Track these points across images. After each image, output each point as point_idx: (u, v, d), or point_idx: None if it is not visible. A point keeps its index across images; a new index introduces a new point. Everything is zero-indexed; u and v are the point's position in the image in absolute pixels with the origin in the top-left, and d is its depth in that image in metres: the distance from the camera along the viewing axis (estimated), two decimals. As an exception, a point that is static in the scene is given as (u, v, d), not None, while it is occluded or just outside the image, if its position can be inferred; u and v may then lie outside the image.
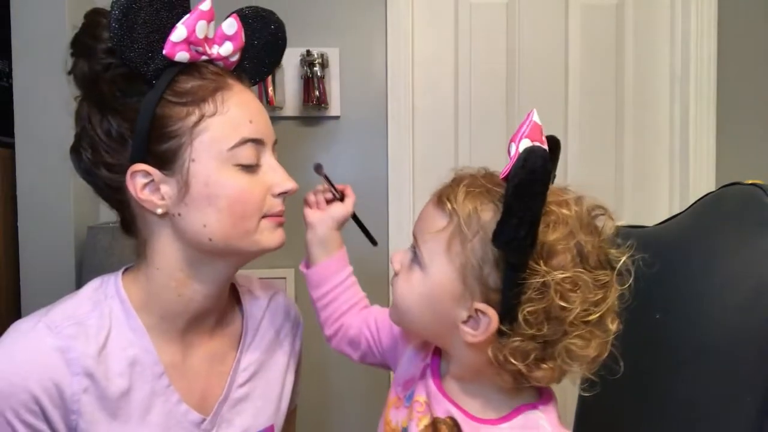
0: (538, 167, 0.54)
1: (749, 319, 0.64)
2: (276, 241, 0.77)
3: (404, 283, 0.66)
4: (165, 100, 0.70)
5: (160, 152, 0.70)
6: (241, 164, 0.72)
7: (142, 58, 0.69)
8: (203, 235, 0.72)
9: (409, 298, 0.65)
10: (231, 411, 0.80)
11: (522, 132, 0.59)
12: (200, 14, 0.70)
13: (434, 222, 0.63)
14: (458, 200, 0.61)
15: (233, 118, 0.72)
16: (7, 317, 1.52)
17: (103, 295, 0.75)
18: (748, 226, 0.70)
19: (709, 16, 1.78)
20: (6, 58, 1.52)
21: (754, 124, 1.83)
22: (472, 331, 0.61)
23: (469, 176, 0.64)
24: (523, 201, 0.54)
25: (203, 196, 0.71)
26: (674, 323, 0.74)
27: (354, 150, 1.76)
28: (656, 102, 1.86)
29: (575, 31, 1.83)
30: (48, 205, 1.49)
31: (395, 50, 1.74)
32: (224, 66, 0.76)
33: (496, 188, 0.60)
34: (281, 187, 0.76)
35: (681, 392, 0.72)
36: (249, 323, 0.85)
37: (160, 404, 0.74)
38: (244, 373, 0.83)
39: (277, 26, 0.83)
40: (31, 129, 1.47)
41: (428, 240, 0.63)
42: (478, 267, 0.59)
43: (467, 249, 0.60)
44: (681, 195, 1.81)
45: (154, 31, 0.70)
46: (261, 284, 0.92)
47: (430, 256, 0.62)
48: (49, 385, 0.67)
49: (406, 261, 0.67)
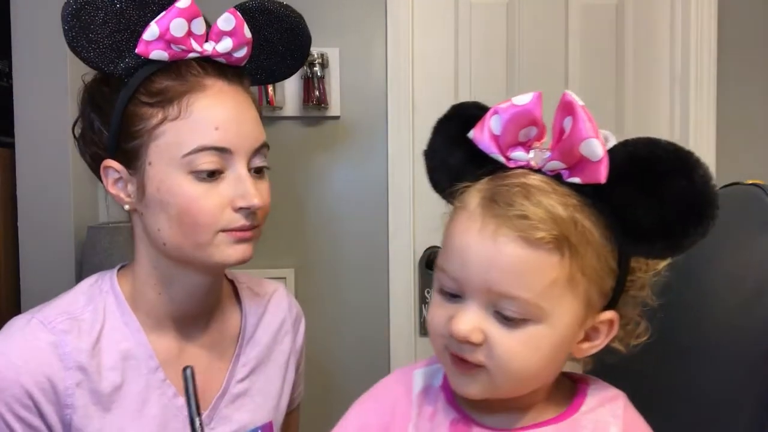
0: (706, 167, 0.51)
1: (749, 319, 0.64)
2: (234, 257, 0.72)
3: (519, 348, 0.53)
4: (137, 99, 0.70)
5: (127, 150, 0.71)
6: (197, 171, 0.69)
7: (104, 58, 0.69)
8: (159, 239, 0.72)
9: (536, 359, 0.54)
10: (229, 406, 0.80)
11: (591, 127, 0.52)
12: (177, 12, 0.69)
13: (541, 269, 0.51)
14: (556, 221, 0.51)
15: (195, 122, 0.69)
16: (7, 317, 1.51)
17: (98, 290, 0.76)
18: (748, 226, 0.70)
19: (709, 16, 1.78)
20: (6, 58, 1.51)
21: (754, 124, 1.83)
22: (593, 343, 0.58)
23: (527, 190, 0.53)
24: (714, 203, 0.51)
25: (156, 200, 0.70)
26: (674, 323, 0.74)
27: (354, 150, 1.76)
28: (656, 102, 1.86)
29: (575, 31, 1.83)
30: (48, 205, 1.49)
31: (395, 50, 1.74)
32: (227, 62, 0.74)
33: (559, 189, 0.53)
34: (242, 202, 0.70)
35: (681, 392, 0.72)
36: (248, 320, 0.85)
37: (156, 398, 0.74)
38: (244, 369, 0.83)
39: (293, 20, 0.81)
40: (31, 129, 1.47)
41: (543, 290, 0.52)
42: (601, 282, 0.54)
43: (588, 272, 0.53)
44: (681, 195, 1.81)
45: (119, 30, 0.69)
46: (261, 281, 0.92)
47: (551, 304, 0.52)
48: (42, 380, 0.68)
49: (488, 326, 0.53)
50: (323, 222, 1.76)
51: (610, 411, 0.58)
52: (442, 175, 0.65)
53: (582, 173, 0.53)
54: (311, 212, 1.76)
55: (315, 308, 1.72)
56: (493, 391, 0.55)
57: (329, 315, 1.74)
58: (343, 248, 1.76)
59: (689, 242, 0.52)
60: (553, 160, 0.54)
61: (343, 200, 1.77)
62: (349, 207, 1.77)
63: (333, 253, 1.76)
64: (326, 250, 1.76)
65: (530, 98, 0.55)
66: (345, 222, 1.77)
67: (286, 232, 1.73)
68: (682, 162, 0.51)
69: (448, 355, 0.56)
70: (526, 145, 0.56)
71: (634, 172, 0.52)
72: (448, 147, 0.63)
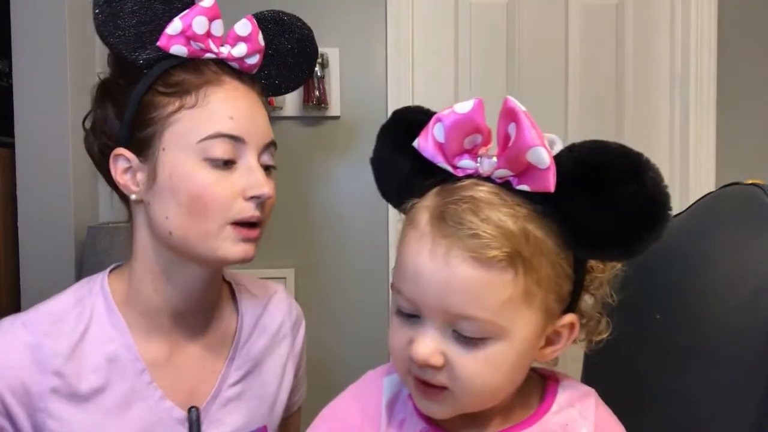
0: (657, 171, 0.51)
1: (749, 318, 0.64)
2: (237, 254, 0.71)
3: (481, 366, 0.52)
4: (154, 90, 0.72)
5: (139, 138, 0.72)
6: (211, 158, 0.70)
7: (127, 46, 0.71)
8: (165, 228, 0.71)
9: (497, 376, 0.53)
10: (221, 410, 0.79)
11: (536, 133, 0.50)
12: (200, 10, 0.72)
13: (494, 288, 0.50)
14: (507, 236, 0.50)
15: (211, 111, 0.71)
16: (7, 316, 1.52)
17: (87, 291, 0.76)
18: (748, 226, 0.70)
19: (709, 16, 1.78)
20: (6, 58, 1.52)
21: (754, 124, 1.83)
22: (554, 347, 0.57)
23: (474, 204, 0.51)
24: (666, 205, 0.51)
25: (167, 186, 0.70)
26: (674, 323, 0.74)
27: (354, 150, 1.76)
28: (656, 102, 1.86)
29: (575, 31, 1.83)
30: (48, 205, 1.49)
31: (395, 50, 1.74)
32: (239, 68, 0.76)
33: (507, 200, 0.52)
34: (253, 191, 0.71)
35: (681, 392, 0.72)
36: (244, 322, 0.85)
37: (140, 401, 0.73)
38: (238, 372, 0.82)
39: (303, 32, 0.84)
40: (31, 129, 1.47)
41: (500, 309, 0.51)
42: (557, 289, 0.54)
43: (543, 283, 0.52)
44: (681, 195, 1.81)
45: (145, 22, 0.71)
46: (260, 283, 0.92)
47: (509, 320, 0.51)
48: (15, 383, 0.68)
49: (447, 347, 0.52)
50: (323, 222, 1.76)
51: (580, 411, 0.58)
52: (389, 185, 0.64)
53: (530, 181, 0.52)
54: (311, 212, 1.76)
55: (315, 308, 1.72)
56: (458, 409, 0.55)
57: (329, 315, 1.74)
58: (344, 248, 1.77)
59: (643, 247, 0.51)
60: (500, 168, 0.53)
61: (344, 200, 1.77)
62: (350, 207, 1.77)
63: (333, 253, 1.76)
64: (326, 250, 1.76)
65: (471, 105, 0.53)
66: (345, 222, 1.77)
67: (287, 232, 1.73)
68: (632, 165, 0.50)
69: (411, 378, 0.55)
70: (473, 153, 0.55)
71: (583, 178, 0.50)
72: (394, 155, 0.61)
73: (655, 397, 0.75)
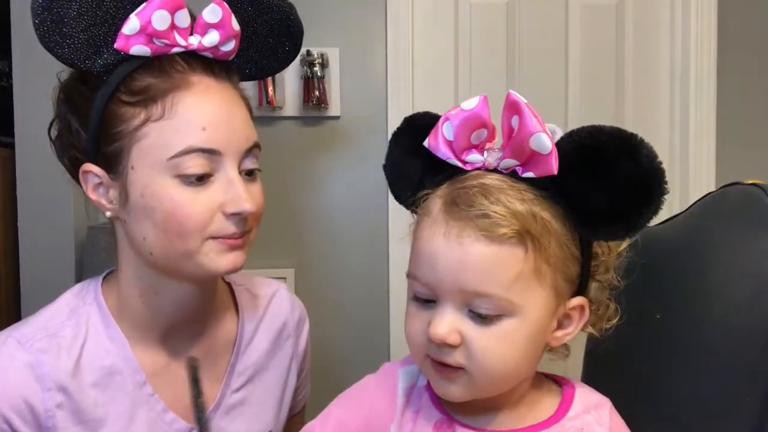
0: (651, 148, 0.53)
1: (749, 318, 0.64)
2: (224, 266, 0.67)
3: (496, 344, 0.54)
4: (117, 98, 0.65)
5: (107, 153, 0.66)
6: (184, 175, 0.64)
7: (79, 55, 0.64)
8: (144, 248, 0.67)
9: (513, 354, 0.55)
10: (224, 418, 0.77)
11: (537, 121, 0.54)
12: (158, 3, 0.64)
13: (506, 264, 0.53)
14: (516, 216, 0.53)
15: (181, 122, 0.64)
16: (7, 318, 1.51)
17: (81, 301, 0.72)
18: (748, 226, 0.70)
19: (709, 16, 1.78)
20: (6, 58, 1.52)
21: (754, 124, 1.83)
22: (567, 330, 0.59)
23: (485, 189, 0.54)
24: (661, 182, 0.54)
25: (140, 207, 0.65)
26: (674, 323, 0.74)
27: (354, 150, 1.76)
28: (656, 102, 1.86)
29: (575, 31, 1.83)
30: (48, 205, 1.49)
31: (395, 50, 1.74)
32: (213, 56, 0.69)
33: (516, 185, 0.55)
34: (233, 207, 0.66)
35: (681, 392, 0.72)
36: (245, 325, 0.81)
37: (143, 414, 0.71)
38: (241, 377, 0.79)
39: (284, 10, 0.76)
40: (31, 129, 1.47)
41: (512, 284, 0.53)
42: (565, 269, 0.56)
43: (552, 261, 0.54)
44: (681, 195, 1.81)
45: (96, 24, 0.64)
46: (262, 282, 0.87)
47: (522, 297, 0.53)
48: (19, 402, 0.65)
49: (463, 326, 0.54)
50: (323, 222, 1.76)
51: (596, 418, 0.59)
52: (403, 187, 0.66)
53: (535, 167, 0.54)
54: (311, 212, 1.76)
55: (315, 308, 1.71)
56: (475, 391, 0.56)
57: (329, 315, 1.73)
58: (343, 248, 1.76)
59: (643, 221, 0.54)
60: (506, 158, 0.56)
61: (343, 200, 1.77)
62: (349, 207, 1.77)
63: (333, 253, 1.76)
64: (326, 250, 1.76)
65: (477, 102, 0.57)
66: (345, 222, 1.77)
67: (286, 232, 1.73)
68: (626, 145, 0.53)
69: (429, 362, 0.57)
70: (480, 147, 0.58)
71: (583, 160, 0.53)
72: (406, 158, 0.64)
73: (656, 397, 0.75)
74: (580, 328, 0.59)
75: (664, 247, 0.81)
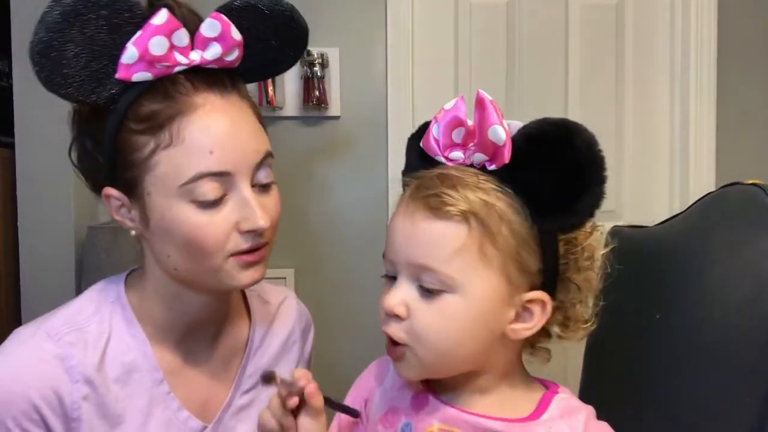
0: (590, 133, 0.55)
1: (749, 318, 0.64)
2: (246, 281, 0.71)
3: (434, 319, 0.57)
4: (126, 127, 0.66)
5: (124, 180, 0.68)
6: (198, 201, 0.66)
7: (84, 90, 0.65)
8: (169, 265, 0.70)
9: (450, 331, 0.57)
10: (234, 418, 0.79)
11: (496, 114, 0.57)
12: (153, 30, 0.64)
13: (448, 237, 0.56)
14: (466, 200, 0.56)
15: (188, 149, 0.65)
16: (7, 318, 1.52)
17: (105, 298, 0.75)
18: (748, 226, 0.70)
19: (709, 16, 1.78)
20: (6, 58, 1.52)
21: (754, 124, 1.83)
22: (526, 324, 0.59)
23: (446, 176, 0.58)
24: (599, 166, 0.55)
25: (161, 229, 0.68)
26: (674, 323, 0.74)
27: (354, 150, 1.76)
28: (656, 102, 1.86)
29: (575, 31, 1.83)
30: (48, 205, 1.49)
31: (395, 50, 1.74)
32: (219, 68, 0.69)
33: (480, 177, 0.58)
34: (248, 225, 0.68)
35: (681, 392, 0.72)
36: (256, 329, 0.84)
37: (159, 411, 0.73)
38: (250, 380, 0.81)
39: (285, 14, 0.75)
40: (31, 129, 1.47)
41: (451, 259, 0.56)
42: (517, 257, 0.57)
43: (500, 245, 0.56)
44: (681, 195, 1.81)
45: (95, 59, 0.64)
46: (271, 289, 0.91)
47: (462, 273, 0.56)
48: (49, 393, 0.67)
49: (411, 299, 0.58)
50: (323, 222, 1.76)
51: (569, 424, 0.59)
52: None
53: (496, 160, 0.58)
54: (311, 212, 1.76)
55: (314, 308, 1.71)
56: (422, 369, 0.59)
57: (329, 315, 1.73)
58: (344, 248, 1.76)
59: (584, 209, 0.56)
60: (476, 153, 0.59)
61: (343, 200, 1.77)
62: (350, 207, 1.77)
63: (333, 253, 1.76)
64: (326, 250, 1.76)
65: (453, 102, 0.60)
66: (345, 222, 1.77)
67: (286, 232, 1.71)
68: (564, 131, 0.55)
69: (386, 339, 0.60)
70: (463, 145, 0.61)
71: (529, 150, 0.56)
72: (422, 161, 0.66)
73: (656, 397, 0.75)
74: (542, 323, 0.59)
75: (664, 247, 0.81)
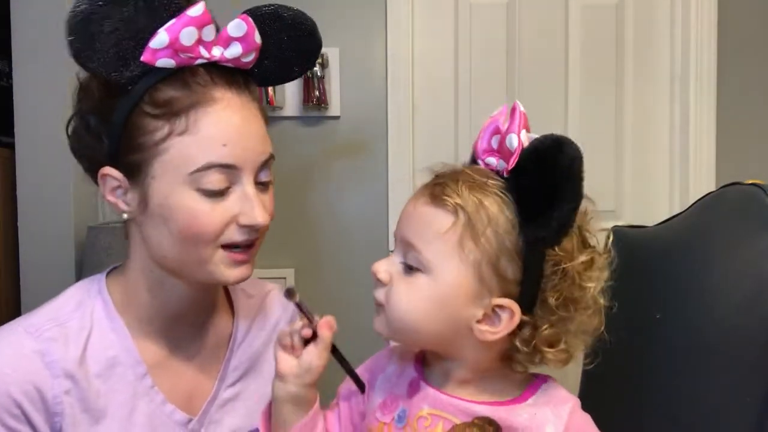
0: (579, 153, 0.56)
1: (749, 318, 0.64)
2: (234, 278, 0.72)
3: (405, 292, 0.61)
4: (140, 109, 0.67)
5: (128, 162, 0.69)
6: (204, 189, 0.67)
7: (108, 67, 0.66)
8: (159, 251, 0.71)
9: (415, 306, 0.61)
10: (220, 411, 0.79)
11: (517, 124, 0.59)
12: (187, 20, 0.66)
13: (436, 222, 0.59)
14: (462, 196, 0.59)
15: (203, 139, 0.67)
16: (7, 317, 1.51)
17: (86, 294, 0.75)
18: (748, 226, 0.70)
19: (709, 16, 1.78)
20: (6, 58, 1.52)
21: (754, 124, 1.83)
22: (492, 328, 0.59)
23: (459, 172, 0.62)
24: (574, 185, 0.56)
25: (158, 214, 0.68)
26: (674, 323, 0.74)
27: (354, 150, 1.76)
28: (656, 102, 1.86)
29: (575, 31, 1.83)
30: (48, 205, 1.49)
31: (395, 50, 1.74)
32: (234, 67, 0.71)
33: (490, 181, 0.60)
34: (247, 219, 0.69)
35: (681, 392, 0.72)
36: (240, 322, 0.84)
37: (143, 405, 0.73)
38: (235, 373, 0.82)
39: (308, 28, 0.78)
40: (31, 129, 1.47)
41: (432, 242, 0.59)
42: (495, 261, 0.58)
43: (481, 244, 0.58)
44: (681, 195, 1.81)
45: (128, 38, 0.66)
46: (255, 282, 0.91)
47: (438, 258, 0.59)
48: (30, 389, 0.67)
49: (395, 270, 0.63)
50: (324, 222, 1.76)
51: (554, 411, 0.60)
52: None
53: (508, 166, 0.60)
54: (311, 212, 1.76)
55: (315, 308, 1.71)
56: (389, 331, 0.64)
57: (329, 314, 1.74)
58: (344, 248, 1.76)
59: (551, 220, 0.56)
60: (500, 159, 0.61)
61: (343, 200, 1.77)
62: (349, 207, 1.77)
63: (333, 253, 1.76)
64: (326, 250, 1.76)
65: (499, 110, 0.64)
66: (345, 222, 1.77)
67: (286, 232, 1.73)
68: (556, 145, 0.56)
69: None
70: (498, 152, 0.63)
71: (526, 159, 0.58)
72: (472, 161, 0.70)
73: (656, 397, 0.75)
74: (508, 331, 0.59)
75: (664, 247, 0.81)
